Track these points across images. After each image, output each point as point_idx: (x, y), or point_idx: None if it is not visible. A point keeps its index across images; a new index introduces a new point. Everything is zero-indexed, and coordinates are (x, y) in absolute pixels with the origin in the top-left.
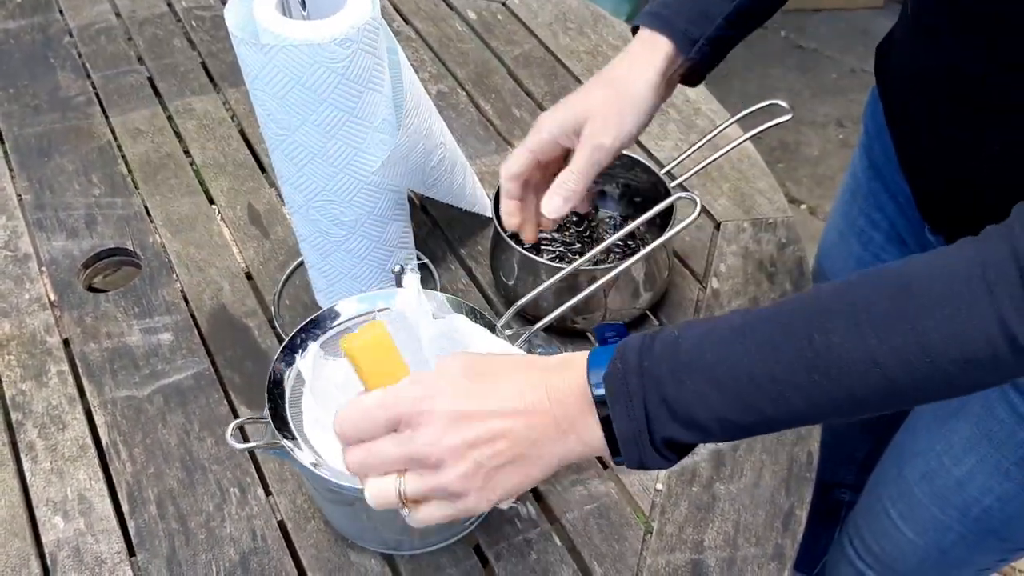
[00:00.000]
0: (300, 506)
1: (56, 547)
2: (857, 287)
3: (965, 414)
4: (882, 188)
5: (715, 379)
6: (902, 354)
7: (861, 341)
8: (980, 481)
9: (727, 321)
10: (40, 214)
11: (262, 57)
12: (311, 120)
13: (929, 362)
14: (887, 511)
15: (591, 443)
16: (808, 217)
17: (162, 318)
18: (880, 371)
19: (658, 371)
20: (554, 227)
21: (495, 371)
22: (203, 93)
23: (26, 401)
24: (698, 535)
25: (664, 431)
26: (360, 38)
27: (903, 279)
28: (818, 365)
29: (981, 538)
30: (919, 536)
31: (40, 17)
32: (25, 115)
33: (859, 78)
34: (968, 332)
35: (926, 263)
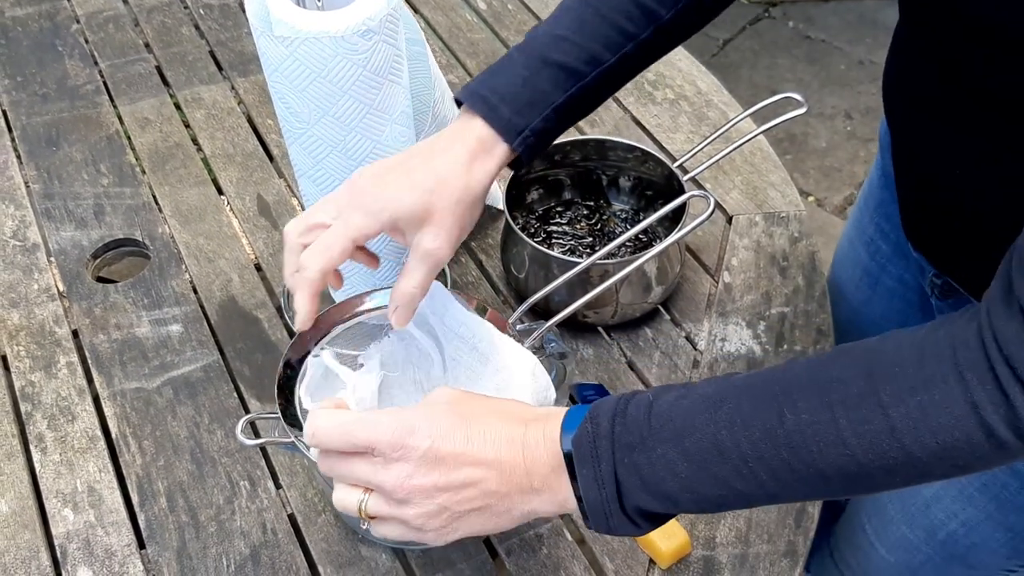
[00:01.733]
0: (310, 499)
1: (66, 539)
2: (831, 365)
3: None
4: (891, 198)
5: (683, 449)
6: (872, 438)
7: (832, 422)
8: (946, 504)
9: (701, 388)
10: (48, 204)
11: (283, 50)
12: (331, 113)
13: (900, 448)
14: (863, 526)
15: (563, 504)
16: (816, 209)
17: (171, 309)
18: (850, 453)
19: (629, 438)
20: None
21: (477, 417)
22: (212, 82)
23: (35, 392)
24: (710, 531)
25: (634, 499)
26: (382, 29)
27: (877, 359)
28: (787, 443)
29: (947, 562)
30: (890, 554)
31: (48, 4)
32: (33, 104)
33: (868, 69)
34: (940, 420)
35: (900, 344)
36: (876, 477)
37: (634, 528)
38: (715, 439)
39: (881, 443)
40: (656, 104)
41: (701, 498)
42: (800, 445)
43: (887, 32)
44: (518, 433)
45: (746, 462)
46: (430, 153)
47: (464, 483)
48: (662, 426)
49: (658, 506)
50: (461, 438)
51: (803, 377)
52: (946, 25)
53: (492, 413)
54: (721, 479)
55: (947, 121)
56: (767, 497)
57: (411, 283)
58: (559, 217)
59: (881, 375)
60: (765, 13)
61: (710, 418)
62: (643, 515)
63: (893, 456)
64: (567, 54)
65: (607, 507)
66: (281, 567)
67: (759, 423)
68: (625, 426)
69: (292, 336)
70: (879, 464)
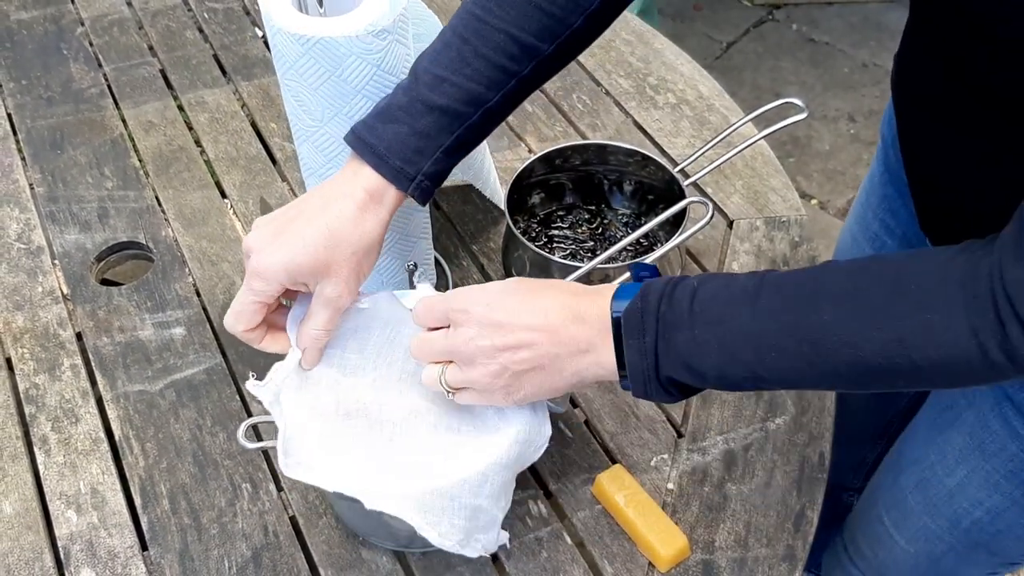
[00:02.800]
0: (312, 502)
1: (69, 541)
2: (862, 275)
3: (960, 424)
4: (896, 194)
5: (717, 334)
6: (883, 345)
7: (851, 327)
8: (971, 492)
9: (741, 282)
10: (53, 206)
11: (298, 48)
12: (343, 112)
13: (906, 356)
14: (881, 518)
15: (605, 365)
16: (819, 212)
17: (174, 312)
18: (862, 355)
19: (672, 317)
20: None
21: (532, 290)
22: (215, 86)
23: (39, 395)
24: (709, 535)
25: (668, 370)
26: (395, 28)
27: (903, 276)
28: (809, 338)
29: (971, 550)
30: (910, 544)
31: (53, 8)
32: (38, 107)
33: (871, 72)
34: (943, 338)
35: (926, 265)
36: (881, 377)
37: (667, 395)
38: (747, 328)
39: (890, 350)
40: (658, 108)
41: (725, 377)
42: (820, 341)
43: (891, 35)
44: (568, 302)
45: (770, 351)
46: (322, 206)
47: (520, 344)
48: (702, 311)
49: (688, 379)
50: (516, 307)
51: (834, 284)
52: (951, 21)
53: (545, 287)
54: (745, 363)
55: (949, 122)
56: (782, 383)
57: (316, 326)
58: (560, 221)
59: (901, 292)
60: (768, 16)
61: (746, 309)
62: (675, 384)
63: (899, 362)
64: (450, 97)
65: (646, 375)
66: (282, 569)
67: (786, 319)
68: (671, 306)
69: None
70: (886, 367)
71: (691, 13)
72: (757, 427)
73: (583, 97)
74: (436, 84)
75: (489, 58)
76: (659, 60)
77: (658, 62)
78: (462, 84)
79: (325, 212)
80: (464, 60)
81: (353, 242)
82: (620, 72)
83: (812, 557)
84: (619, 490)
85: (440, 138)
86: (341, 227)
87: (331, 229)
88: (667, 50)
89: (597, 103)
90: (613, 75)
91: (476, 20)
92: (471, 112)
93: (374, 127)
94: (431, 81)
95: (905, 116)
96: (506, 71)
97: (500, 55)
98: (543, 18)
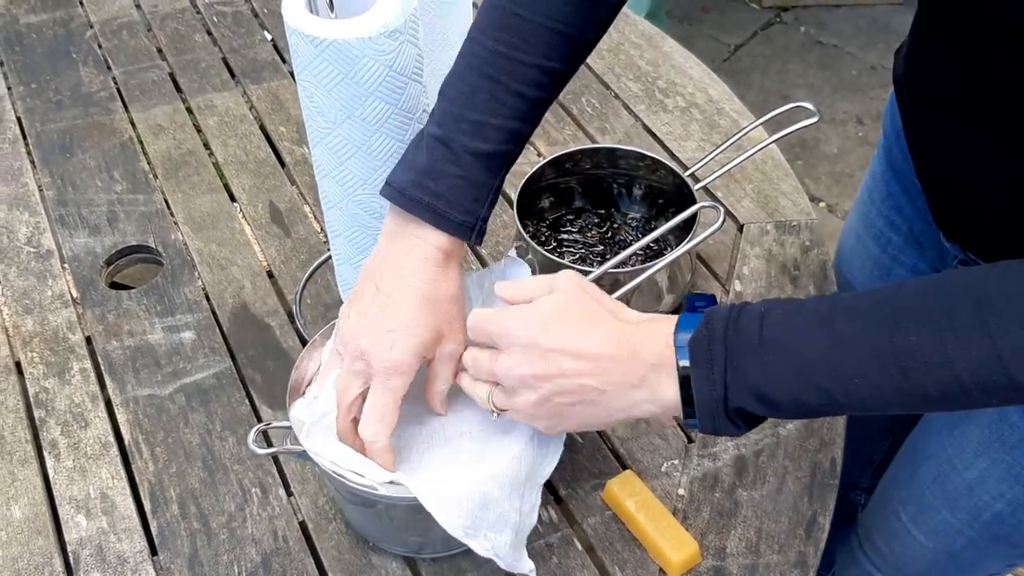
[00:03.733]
0: (322, 507)
1: (79, 545)
2: (941, 294)
3: (978, 417)
4: (901, 191)
5: (794, 363)
6: (979, 364)
7: (940, 348)
8: (991, 485)
9: (812, 306)
10: (62, 210)
11: (312, 49)
12: (356, 114)
13: (1005, 373)
14: (898, 514)
15: (664, 401)
16: (827, 215)
17: (184, 316)
18: (955, 374)
19: (740, 344)
20: None
21: (582, 316)
22: (224, 89)
23: (49, 399)
24: (720, 541)
25: (738, 400)
26: (406, 29)
27: (986, 290)
28: (896, 362)
29: (991, 543)
30: (929, 539)
31: (62, 11)
32: (48, 110)
33: (879, 75)
34: None
35: (1008, 276)
36: (975, 398)
37: (734, 428)
38: (825, 354)
39: (987, 368)
40: (667, 112)
41: (801, 405)
42: (908, 364)
43: (898, 37)
44: (621, 331)
45: (852, 378)
46: (406, 281)
47: (562, 374)
48: (774, 338)
49: (759, 409)
50: (563, 333)
51: (913, 304)
52: (968, 22)
53: (597, 312)
54: (824, 390)
55: (967, 122)
56: (863, 407)
57: (443, 383)
58: (570, 225)
59: (990, 307)
60: (776, 18)
61: (823, 337)
62: (743, 416)
63: (996, 380)
64: (495, 141)
65: (715, 408)
66: (292, 575)
67: (867, 343)
68: (738, 333)
69: (304, 344)
70: (982, 387)
71: (699, 16)
72: (768, 432)
73: (592, 101)
74: (478, 130)
75: (524, 94)
76: (668, 63)
77: (667, 65)
78: (503, 125)
79: (413, 286)
80: (500, 101)
81: (450, 297)
82: (629, 75)
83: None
84: (629, 496)
85: (491, 180)
86: (435, 291)
87: (428, 299)
88: (676, 53)
89: (606, 107)
90: (622, 78)
91: (503, 58)
92: (514, 149)
93: (424, 185)
94: (471, 129)
95: (916, 117)
96: (538, 102)
97: (532, 88)
98: (566, 44)
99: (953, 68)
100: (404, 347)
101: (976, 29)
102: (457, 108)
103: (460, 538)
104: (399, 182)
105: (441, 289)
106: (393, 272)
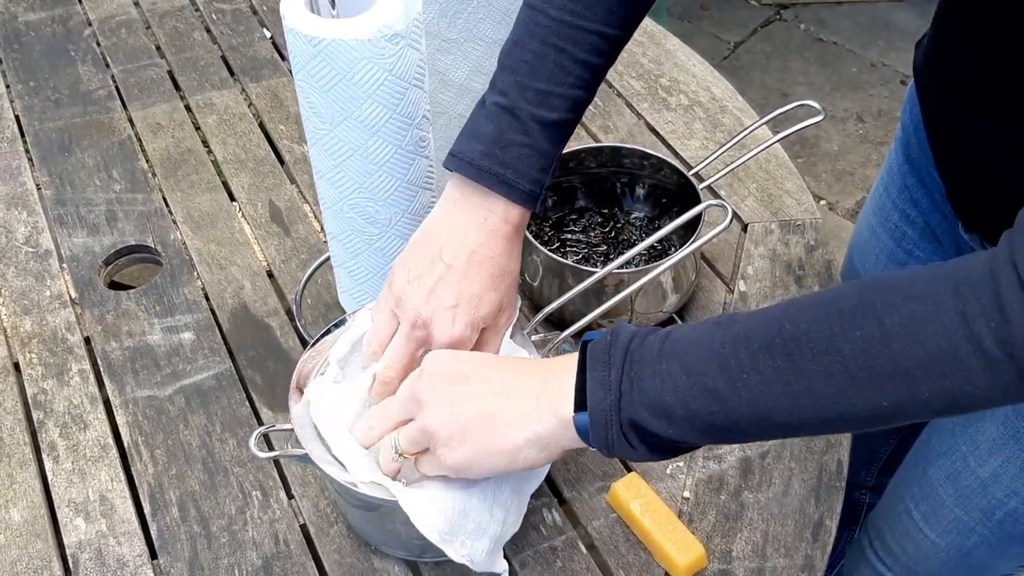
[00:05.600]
0: (323, 510)
1: (78, 549)
2: (837, 287)
3: (993, 414)
4: (918, 183)
5: (685, 363)
6: (863, 345)
7: (827, 330)
8: (1005, 483)
9: (717, 317)
10: (61, 210)
11: (310, 49)
12: (354, 116)
13: (889, 355)
14: (910, 512)
15: (562, 413)
16: (828, 213)
17: (183, 317)
18: (841, 361)
19: (642, 353)
20: None
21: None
22: (223, 87)
23: (47, 400)
24: (726, 545)
25: (631, 411)
26: (408, 34)
27: (880, 280)
28: (783, 351)
29: (1004, 542)
30: (941, 538)
31: (61, 9)
32: (46, 109)
33: (880, 72)
34: (928, 330)
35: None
36: (865, 391)
37: (629, 449)
38: (717, 353)
39: (871, 350)
40: (671, 110)
41: (692, 415)
42: (794, 352)
43: (899, 35)
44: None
45: (741, 373)
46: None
47: (469, 376)
48: (673, 345)
49: (653, 422)
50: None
51: (808, 297)
52: (996, 15)
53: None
54: (715, 392)
55: (995, 114)
56: (755, 415)
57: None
58: (573, 225)
59: (879, 289)
60: (776, 16)
61: (718, 334)
62: (637, 432)
63: (882, 364)
64: (561, 109)
65: (609, 416)
66: None
67: (759, 335)
68: (642, 345)
69: (304, 344)
70: (868, 374)
71: (698, 13)
72: None
73: (595, 99)
74: (543, 99)
75: (587, 62)
76: (671, 61)
77: (670, 63)
78: (567, 93)
79: (480, 259)
80: (565, 69)
81: (514, 272)
82: (632, 73)
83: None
84: (634, 498)
85: (555, 149)
86: (502, 265)
87: (495, 274)
88: (679, 51)
89: (609, 105)
90: (625, 76)
91: (567, 26)
92: (577, 117)
93: (493, 154)
94: (536, 98)
95: (939, 108)
96: (600, 69)
97: (595, 55)
98: (623, 6)
99: (981, 60)
100: (466, 323)
101: (1004, 21)
102: (521, 77)
103: (436, 543)
104: (466, 152)
105: (509, 265)
106: (458, 242)
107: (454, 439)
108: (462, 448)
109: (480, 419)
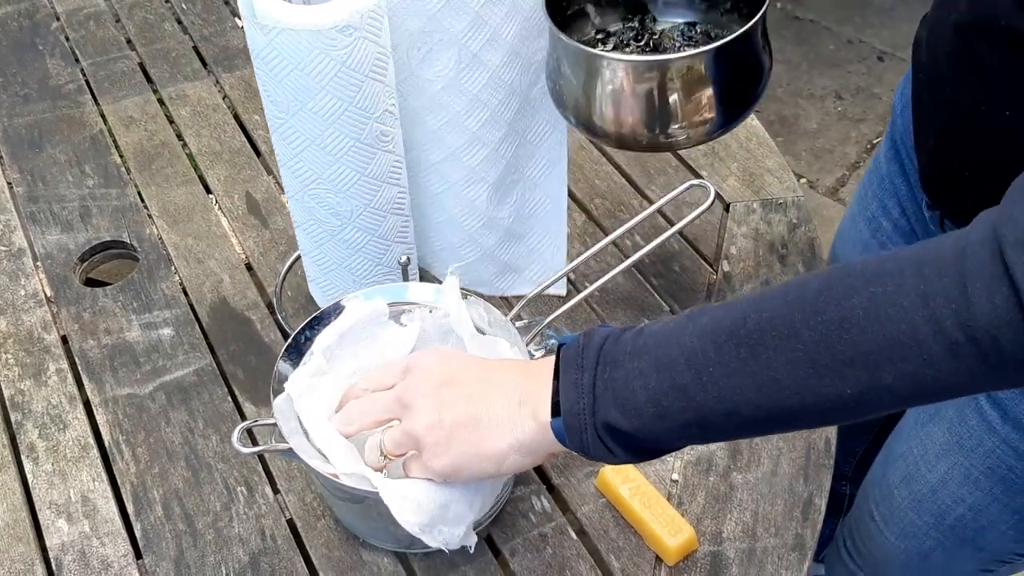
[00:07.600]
0: (309, 504)
1: (61, 551)
2: (808, 275)
3: (940, 419)
4: (898, 169)
5: (655, 359)
6: (824, 329)
7: (789, 316)
8: (952, 489)
9: (690, 309)
10: (33, 207)
11: (263, 38)
12: (308, 106)
13: (849, 341)
14: (872, 514)
15: (540, 419)
16: (808, 191)
17: (162, 312)
18: (802, 348)
19: (615, 353)
20: None
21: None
22: (196, 79)
23: (25, 401)
24: (716, 526)
25: (605, 413)
26: (363, 25)
27: (850, 264)
28: (747, 340)
29: (958, 547)
30: (899, 540)
31: (27, 2)
32: (15, 105)
33: (857, 49)
34: (889, 311)
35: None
36: (827, 379)
37: (605, 451)
38: (686, 347)
39: (831, 335)
40: None
41: (662, 409)
42: (757, 342)
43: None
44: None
45: (708, 366)
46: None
47: (453, 379)
48: (644, 343)
49: (624, 422)
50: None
51: (777, 286)
52: None
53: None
54: (683, 388)
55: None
56: (723, 409)
57: None
58: (602, 46)
59: (844, 273)
60: None
61: (687, 328)
62: (612, 434)
63: (841, 350)
64: None
65: (583, 418)
66: (282, 574)
67: (725, 327)
68: (615, 345)
69: (286, 337)
70: (829, 360)
71: None
72: None
73: None
74: None
75: None
76: None
77: None
78: None
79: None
80: None
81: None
82: None
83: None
84: (623, 482)
85: None
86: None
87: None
88: None
89: None
90: None
91: None
92: None
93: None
94: None
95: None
96: None
97: None
98: None
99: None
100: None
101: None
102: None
103: (415, 534)
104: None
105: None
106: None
107: (440, 445)
108: (448, 454)
109: (466, 425)
